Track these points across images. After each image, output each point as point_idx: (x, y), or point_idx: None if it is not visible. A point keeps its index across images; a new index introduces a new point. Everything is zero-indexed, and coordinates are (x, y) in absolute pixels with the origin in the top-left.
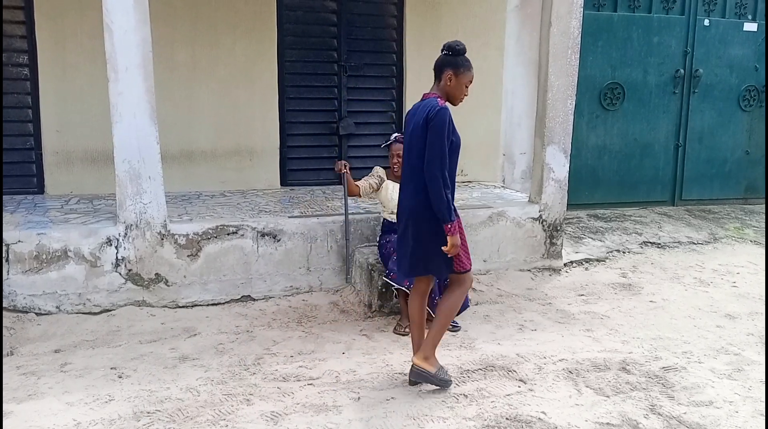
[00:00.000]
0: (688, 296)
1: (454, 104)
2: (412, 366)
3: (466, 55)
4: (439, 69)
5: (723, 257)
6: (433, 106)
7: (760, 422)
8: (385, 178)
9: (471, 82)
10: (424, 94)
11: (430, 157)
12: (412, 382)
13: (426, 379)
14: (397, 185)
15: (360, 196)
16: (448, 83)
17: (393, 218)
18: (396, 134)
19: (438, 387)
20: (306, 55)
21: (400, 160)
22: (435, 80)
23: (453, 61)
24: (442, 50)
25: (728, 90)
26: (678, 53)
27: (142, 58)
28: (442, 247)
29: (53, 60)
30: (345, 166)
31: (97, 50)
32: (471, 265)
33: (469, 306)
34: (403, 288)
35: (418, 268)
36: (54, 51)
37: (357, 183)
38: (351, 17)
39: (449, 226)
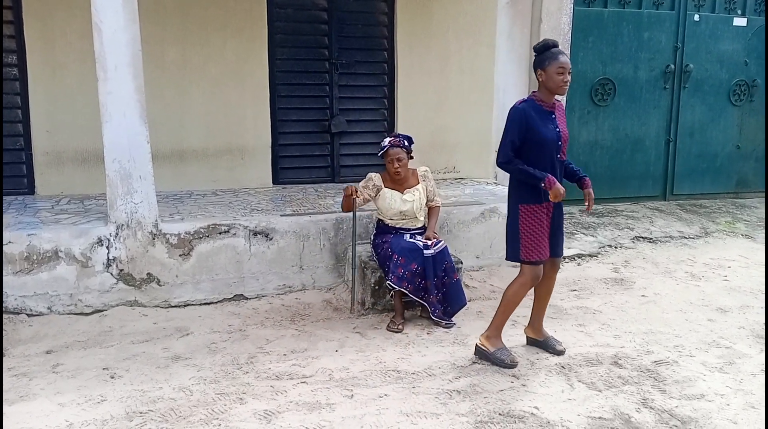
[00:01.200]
0: (680, 290)
1: (561, 93)
2: (477, 342)
3: (554, 48)
4: (535, 72)
5: (714, 251)
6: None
7: (751, 415)
8: (382, 185)
9: (563, 67)
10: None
11: (498, 148)
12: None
13: (483, 356)
14: (396, 193)
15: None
16: (541, 79)
17: (391, 223)
18: (389, 138)
19: (496, 366)
20: (297, 53)
21: (400, 162)
22: None
23: (538, 60)
24: None
25: (718, 85)
26: (668, 48)
27: (132, 57)
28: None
29: (42, 60)
30: (356, 191)
31: (86, 49)
32: (536, 257)
33: (466, 304)
34: (403, 289)
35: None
36: (43, 51)
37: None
38: (342, 15)
39: (543, 184)
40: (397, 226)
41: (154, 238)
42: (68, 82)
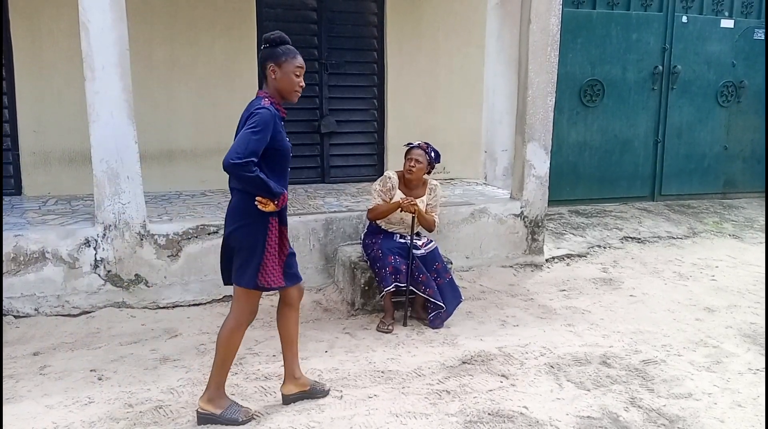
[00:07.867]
0: (668, 290)
1: (291, 100)
2: (198, 408)
3: (288, 45)
4: (262, 66)
5: (702, 251)
6: (254, 105)
7: (738, 414)
8: (396, 186)
9: (300, 68)
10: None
11: (239, 145)
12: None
13: (210, 421)
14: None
15: None
16: (274, 76)
17: (385, 226)
18: (419, 141)
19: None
20: None
21: (419, 164)
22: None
23: (271, 53)
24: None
25: (706, 86)
26: (656, 50)
27: (119, 57)
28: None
29: (29, 59)
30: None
31: (73, 49)
32: (275, 283)
33: (462, 299)
34: (398, 283)
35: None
36: (30, 50)
37: (377, 203)
38: (331, 15)
39: (276, 201)
40: (390, 229)
41: (142, 239)
42: (55, 81)
